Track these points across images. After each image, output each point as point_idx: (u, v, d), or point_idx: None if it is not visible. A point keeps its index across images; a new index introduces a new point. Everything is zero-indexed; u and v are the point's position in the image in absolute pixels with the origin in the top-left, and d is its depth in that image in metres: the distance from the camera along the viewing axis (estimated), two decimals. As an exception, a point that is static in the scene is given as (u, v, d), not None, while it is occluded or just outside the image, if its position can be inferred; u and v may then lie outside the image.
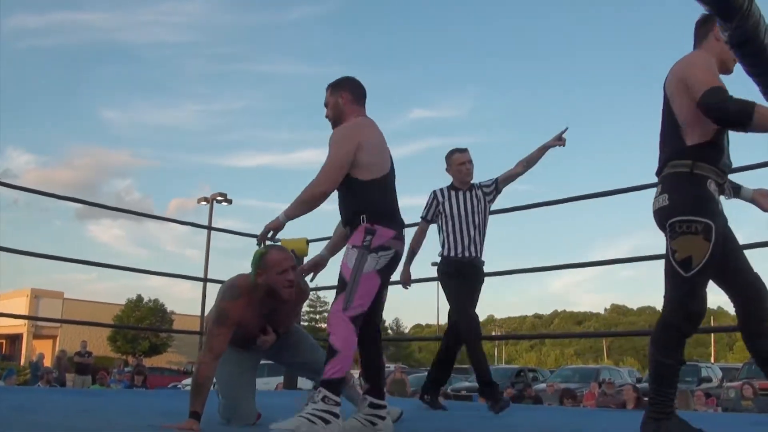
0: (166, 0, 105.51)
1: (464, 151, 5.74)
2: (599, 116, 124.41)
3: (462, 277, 5.55)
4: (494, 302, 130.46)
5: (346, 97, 4.08)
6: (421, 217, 5.82)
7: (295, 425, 3.34)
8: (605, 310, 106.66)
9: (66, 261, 7.94)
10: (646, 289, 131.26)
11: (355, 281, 3.65)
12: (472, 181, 5.73)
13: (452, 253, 5.58)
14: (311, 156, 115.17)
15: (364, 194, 3.82)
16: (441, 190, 5.74)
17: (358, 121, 4.00)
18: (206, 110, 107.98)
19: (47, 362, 23.95)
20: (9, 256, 7.33)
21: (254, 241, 3.97)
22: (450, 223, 5.61)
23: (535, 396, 16.06)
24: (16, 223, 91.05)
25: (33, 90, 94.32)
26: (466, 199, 5.64)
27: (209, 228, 15.65)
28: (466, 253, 5.54)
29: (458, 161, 5.69)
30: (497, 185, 5.74)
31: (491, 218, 5.81)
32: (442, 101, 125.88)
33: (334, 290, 3.72)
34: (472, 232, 5.57)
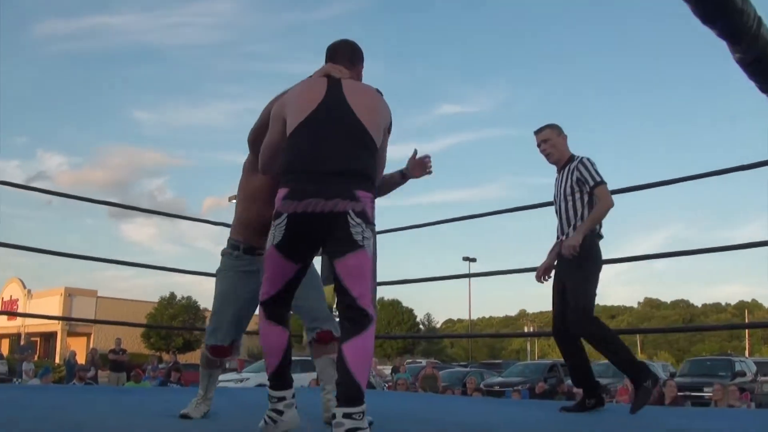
0: (195, 1, 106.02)
1: (537, 131, 5.33)
2: (623, 110, 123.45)
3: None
4: (526, 297, 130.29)
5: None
6: None
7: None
8: (638, 303, 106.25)
9: (99, 261, 8.02)
10: (679, 282, 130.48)
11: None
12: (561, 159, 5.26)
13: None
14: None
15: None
16: None
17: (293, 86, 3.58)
18: (237, 109, 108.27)
19: (81, 359, 24.19)
20: (43, 254, 7.42)
21: None
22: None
23: (568, 391, 15.98)
24: (51, 223, 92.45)
25: (64, 93, 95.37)
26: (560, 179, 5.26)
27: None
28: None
29: (536, 143, 5.36)
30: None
31: (517, 214, 5.67)
32: (470, 96, 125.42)
33: None
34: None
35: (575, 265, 4.90)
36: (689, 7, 2.47)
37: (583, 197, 5.04)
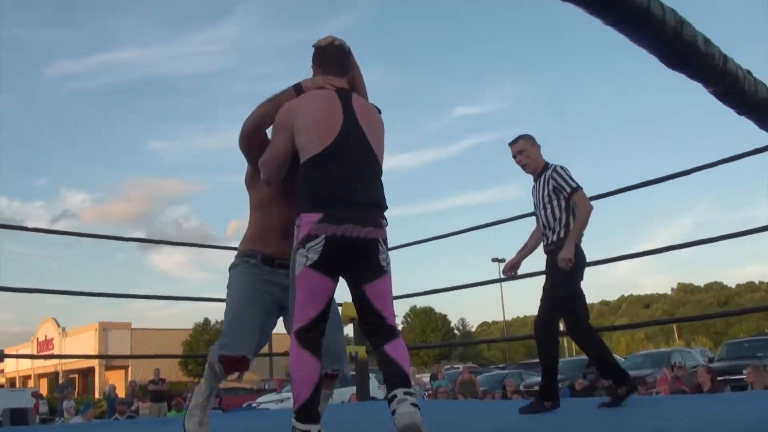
0: (200, 31, 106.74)
1: (512, 143, 5.59)
2: (641, 100, 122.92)
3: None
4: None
5: (314, 70, 3.72)
6: None
7: None
8: (672, 290, 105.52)
9: (132, 297, 8.15)
10: (711, 265, 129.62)
11: (292, 290, 3.31)
12: (537, 169, 5.50)
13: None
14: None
15: (300, 181, 3.34)
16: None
17: (300, 96, 3.57)
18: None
19: (120, 392, 24.33)
20: (76, 290, 7.53)
21: None
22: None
23: (608, 387, 15.88)
24: (80, 259, 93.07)
25: (80, 131, 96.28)
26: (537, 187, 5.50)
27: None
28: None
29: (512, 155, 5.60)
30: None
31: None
32: (483, 96, 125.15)
33: None
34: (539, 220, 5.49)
35: (551, 274, 5.26)
36: (657, 59, 2.63)
37: (561, 203, 5.27)
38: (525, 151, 5.49)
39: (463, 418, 5.37)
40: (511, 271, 5.72)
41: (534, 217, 5.72)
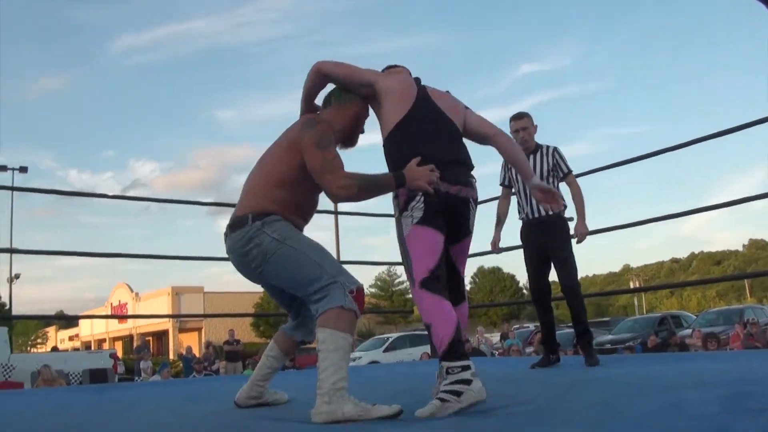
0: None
1: (517, 118, 5.83)
2: (705, 54, 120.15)
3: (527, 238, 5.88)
4: (629, 251, 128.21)
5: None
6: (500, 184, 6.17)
7: (431, 411, 2.98)
8: (743, 246, 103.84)
9: (201, 259, 8.34)
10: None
11: (405, 255, 3.37)
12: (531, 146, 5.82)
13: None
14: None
15: (389, 150, 3.51)
16: None
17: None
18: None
19: (195, 353, 24.80)
20: (148, 259, 7.75)
21: (377, 219, 3.91)
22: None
23: (680, 343, 15.85)
24: (152, 226, 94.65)
25: (147, 103, 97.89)
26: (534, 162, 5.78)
27: (336, 213, 15.97)
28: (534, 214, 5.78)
29: (511, 129, 5.81)
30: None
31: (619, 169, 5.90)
32: (548, 53, 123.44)
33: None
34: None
35: (561, 243, 5.66)
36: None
37: (555, 181, 5.73)
38: (528, 129, 5.79)
39: (552, 372, 5.45)
40: (497, 248, 6.20)
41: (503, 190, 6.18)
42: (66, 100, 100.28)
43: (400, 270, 57.10)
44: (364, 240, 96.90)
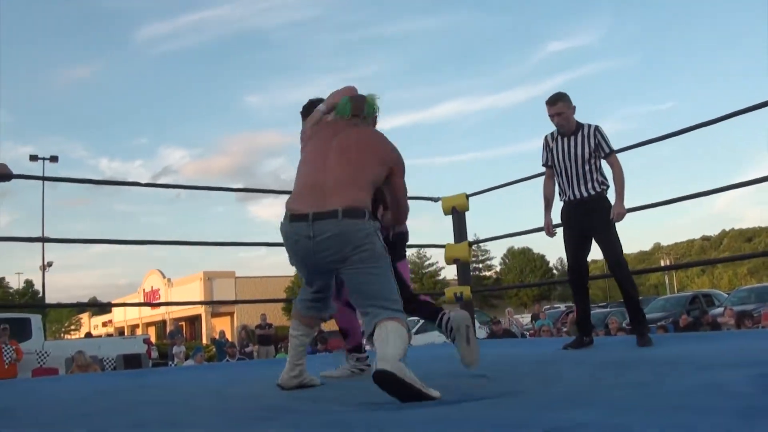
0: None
1: (551, 103, 5.77)
2: (735, 27, 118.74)
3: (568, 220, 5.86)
4: (659, 229, 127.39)
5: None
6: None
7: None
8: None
9: (234, 245, 8.41)
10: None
11: None
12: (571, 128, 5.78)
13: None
14: (452, 108, 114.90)
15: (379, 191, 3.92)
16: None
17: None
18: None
19: (228, 338, 24.98)
20: (179, 245, 7.82)
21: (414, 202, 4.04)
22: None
23: (712, 322, 15.74)
24: (182, 214, 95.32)
25: (175, 90, 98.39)
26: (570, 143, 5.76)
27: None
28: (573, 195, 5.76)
29: (548, 114, 5.80)
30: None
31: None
32: (576, 30, 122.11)
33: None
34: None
35: (605, 223, 5.61)
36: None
37: (596, 162, 5.68)
38: (563, 113, 5.71)
39: (581, 353, 5.45)
40: (550, 230, 6.08)
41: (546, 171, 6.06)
42: (95, 89, 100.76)
43: (431, 252, 57.27)
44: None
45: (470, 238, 8.51)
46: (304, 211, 3.46)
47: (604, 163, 5.73)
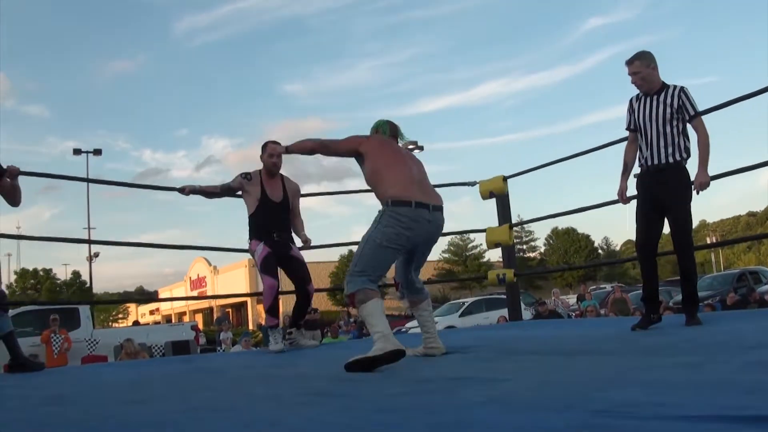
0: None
1: (628, 63, 5.51)
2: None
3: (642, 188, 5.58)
4: (705, 206, 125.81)
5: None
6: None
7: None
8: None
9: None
10: None
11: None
12: (653, 88, 5.48)
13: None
14: (491, 89, 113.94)
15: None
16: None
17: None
18: (380, 65, 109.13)
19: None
20: (227, 232, 7.88)
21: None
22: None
23: (760, 299, 15.54)
24: (225, 203, 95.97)
25: (215, 82, 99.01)
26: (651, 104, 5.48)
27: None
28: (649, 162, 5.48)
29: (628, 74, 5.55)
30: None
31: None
32: (615, 4, 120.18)
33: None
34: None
35: (679, 197, 5.33)
36: None
37: (679, 125, 5.34)
38: (639, 73, 5.45)
39: (627, 333, 5.42)
40: (624, 197, 5.76)
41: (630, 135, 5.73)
42: (137, 81, 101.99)
43: (474, 234, 57.07)
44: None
45: (514, 219, 8.48)
46: (425, 201, 4.40)
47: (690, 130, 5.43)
